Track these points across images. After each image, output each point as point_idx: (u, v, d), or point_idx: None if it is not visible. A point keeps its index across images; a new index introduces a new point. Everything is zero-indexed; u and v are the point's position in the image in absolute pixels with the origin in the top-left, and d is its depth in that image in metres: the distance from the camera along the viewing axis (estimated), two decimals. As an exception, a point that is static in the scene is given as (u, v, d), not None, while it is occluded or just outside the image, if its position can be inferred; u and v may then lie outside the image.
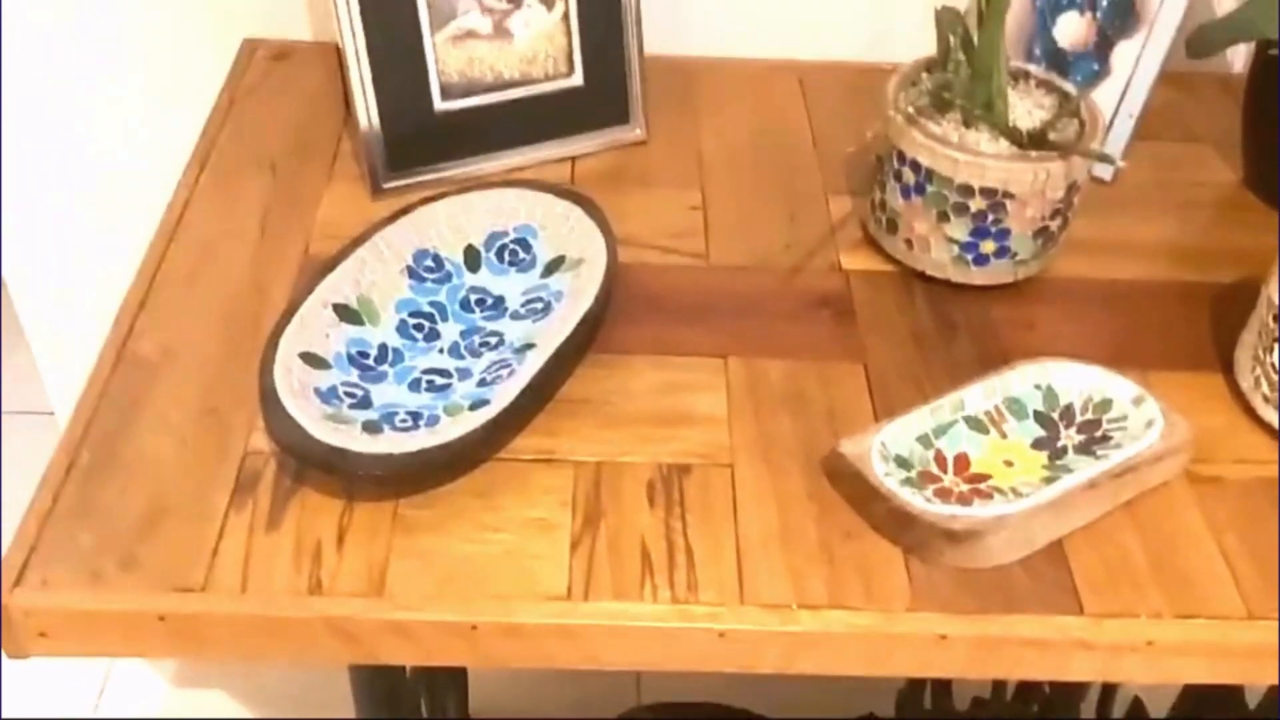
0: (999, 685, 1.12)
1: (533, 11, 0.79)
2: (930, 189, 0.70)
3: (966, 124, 0.72)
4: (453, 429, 0.58)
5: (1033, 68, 0.76)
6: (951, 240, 0.72)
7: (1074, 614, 0.57)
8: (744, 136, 0.87)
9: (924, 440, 0.63)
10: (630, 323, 0.71)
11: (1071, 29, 0.83)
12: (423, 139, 0.78)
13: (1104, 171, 0.84)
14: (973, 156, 0.68)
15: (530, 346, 0.64)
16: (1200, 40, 0.78)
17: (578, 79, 0.82)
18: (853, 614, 0.56)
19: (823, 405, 0.67)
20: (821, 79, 0.93)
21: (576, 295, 0.66)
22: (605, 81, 0.82)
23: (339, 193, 0.79)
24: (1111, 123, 0.83)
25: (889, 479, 0.59)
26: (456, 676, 1.12)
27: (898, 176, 0.72)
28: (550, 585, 0.57)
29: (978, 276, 0.73)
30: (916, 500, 0.58)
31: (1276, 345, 0.64)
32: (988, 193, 0.69)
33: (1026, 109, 0.74)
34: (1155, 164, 0.87)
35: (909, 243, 0.74)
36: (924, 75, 0.74)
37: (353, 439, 0.57)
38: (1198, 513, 0.62)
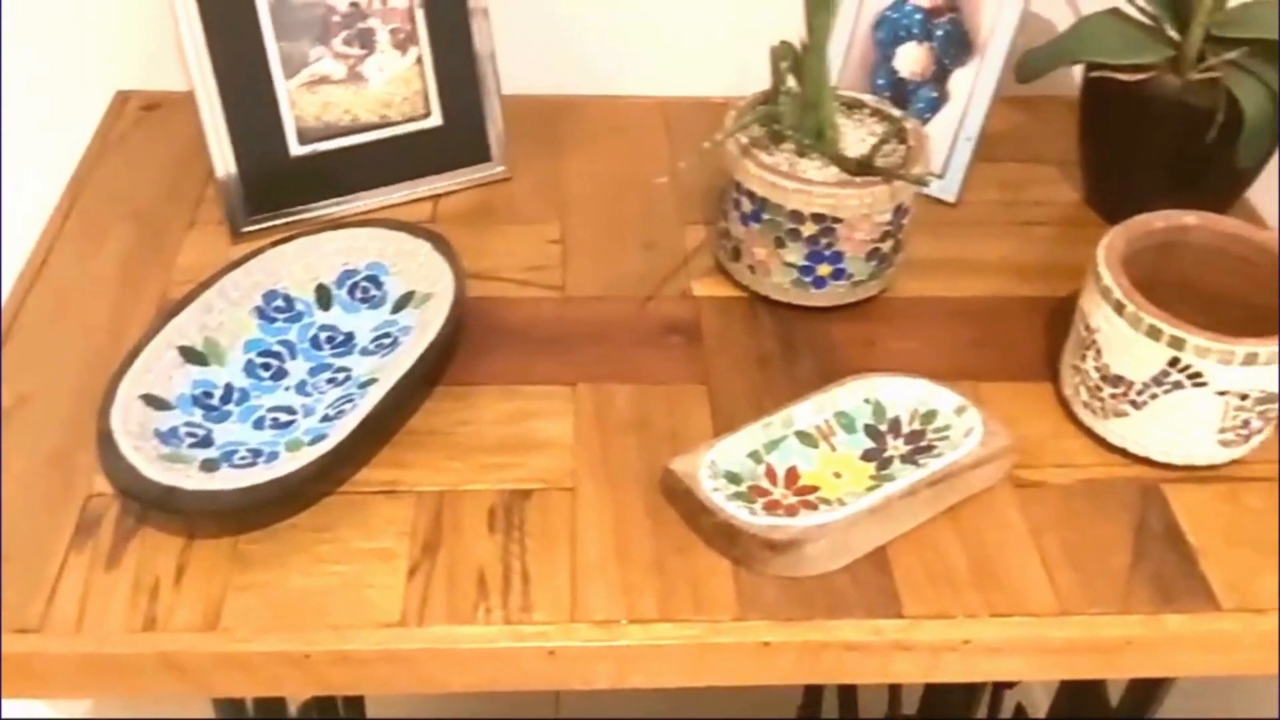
0: (895, 692, 1.15)
1: (385, 57, 0.81)
2: (765, 216, 0.73)
3: (800, 153, 0.75)
4: (287, 464, 0.59)
5: (866, 97, 0.79)
6: (789, 265, 0.74)
7: (894, 617, 0.59)
8: (607, 172, 0.90)
9: (755, 456, 0.65)
10: (483, 355, 0.73)
11: (910, 59, 0.87)
12: (281, 182, 0.80)
13: (948, 194, 0.88)
14: (801, 184, 0.71)
15: (374, 381, 0.66)
16: (1026, 66, 0.82)
17: (435, 120, 0.84)
18: (680, 626, 0.58)
19: (666, 427, 0.69)
20: (686, 115, 0.96)
21: (422, 329, 0.68)
22: (464, 121, 0.85)
23: (200, 238, 0.81)
24: (952, 147, 0.87)
25: (716, 494, 0.61)
26: (353, 705, 1.12)
27: (737, 205, 0.75)
28: (385, 613, 0.58)
29: (818, 298, 0.76)
30: (740, 514, 0.60)
31: (1088, 353, 0.67)
32: (817, 218, 0.72)
33: (860, 137, 0.77)
34: (1001, 186, 0.91)
35: (752, 268, 0.76)
36: (761, 108, 0.77)
37: (186, 478, 0.58)
38: (1019, 516, 0.65)
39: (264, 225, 0.80)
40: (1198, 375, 0.62)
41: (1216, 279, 0.70)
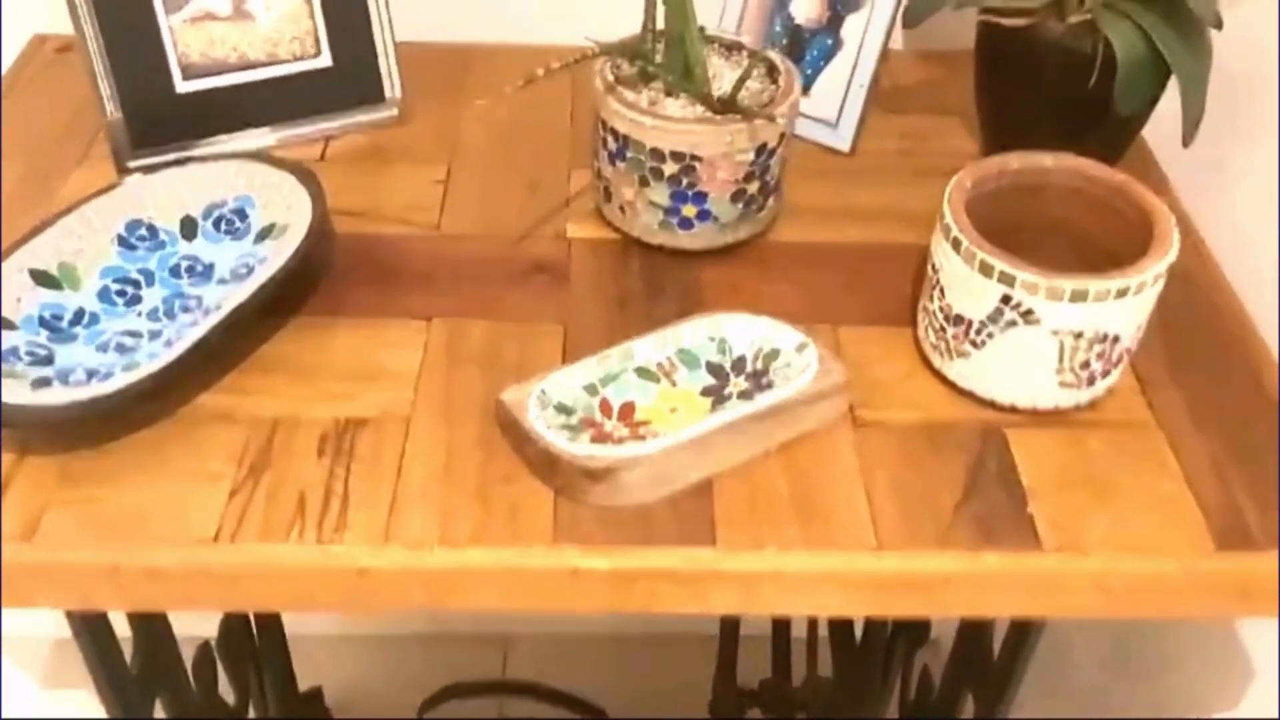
0: (812, 652, 1.15)
1: (272, -5, 0.82)
2: (629, 155, 0.73)
3: (668, 92, 0.75)
4: (113, 384, 0.60)
5: (745, 39, 0.78)
6: (655, 205, 0.74)
7: (708, 546, 0.59)
8: (505, 117, 0.90)
9: (590, 389, 0.65)
10: (347, 288, 0.74)
11: (805, 5, 0.86)
12: (166, 119, 0.81)
13: (841, 143, 0.87)
14: (660, 121, 0.71)
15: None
16: (913, 10, 0.81)
17: (325, 60, 0.84)
18: (490, 550, 0.59)
19: (514, 362, 0.69)
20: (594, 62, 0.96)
21: (273, 259, 0.68)
22: (355, 62, 0.85)
23: (88, 173, 0.82)
24: (845, 95, 0.86)
25: (539, 423, 0.61)
26: (269, 647, 1.14)
27: (605, 144, 0.75)
28: (200, 530, 0.59)
29: (686, 240, 0.76)
30: (559, 442, 0.60)
31: (934, 293, 0.66)
32: (677, 156, 0.72)
33: (733, 78, 0.76)
34: (901, 136, 0.90)
35: (622, 209, 0.76)
36: (628, 44, 0.76)
37: (14, 393, 0.59)
38: (854, 455, 0.64)
39: (149, 161, 0.80)
40: (1030, 313, 0.61)
41: (1083, 222, 0.69)
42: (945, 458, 0.64)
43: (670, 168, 0.72)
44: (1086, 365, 0.64)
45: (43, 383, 0.61)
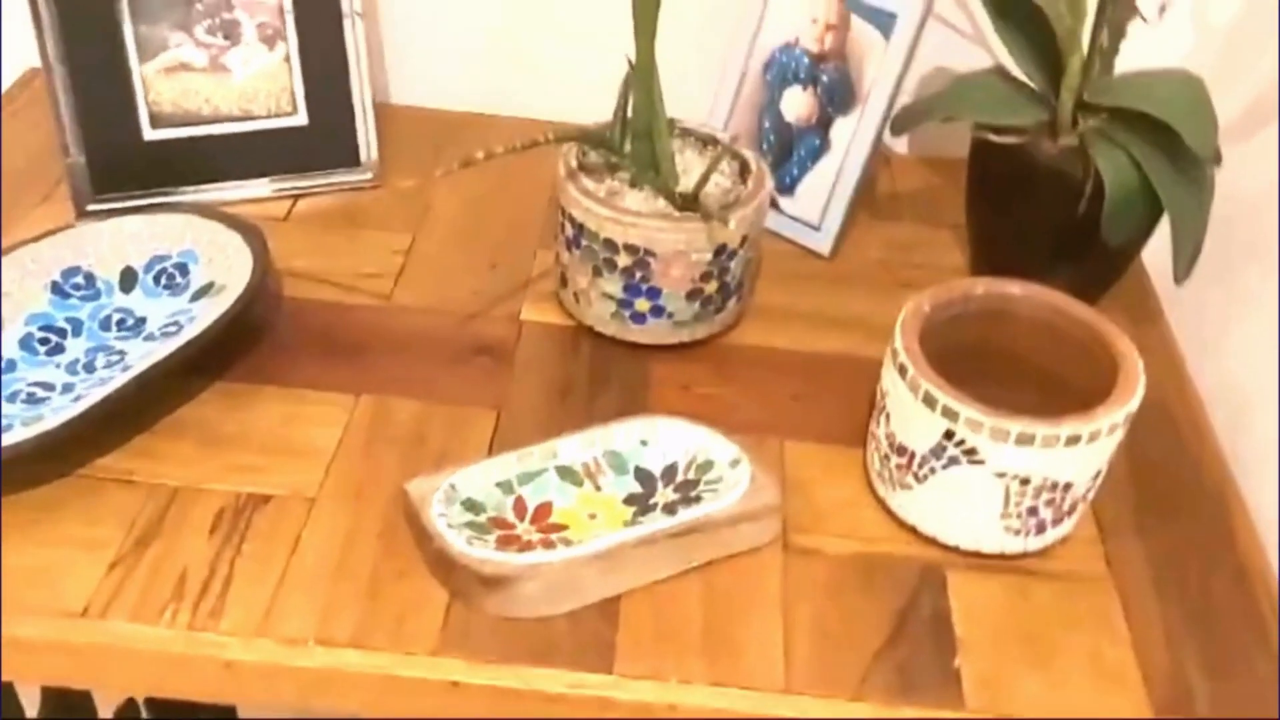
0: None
1: (251, 50, 0.80)
2: (584, 243, 0.70)
3: (632, 183, 0.72)
4: (6, 438, 0.58)
5: (720, 134, 0.76)
6: (608, 296, 0.71)
7: (602, 672, 0.55)
8: (482, 189, 0.88)
9: (505, 486, 0.61)
10: (280, 354, 0.71)
11: (796, 104, 0.83)
12: (131, 166, 0.80)
13: (822, 246, 0.84)
14: (615, 213, 0.68)
15: (138, 366, 0.64)
16: (900, 119, 0.78)
17: (301, 119, 0.83)
18: (368, 654, 0.55)
19: (438, 447, 0.66)
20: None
21: (202, 319, 0.66)
22: (331, 124, 0.84)
23: (47, 214, 0.80)
24: (829, 198, 0.83)
25: (441, 520, 0.58)
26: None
27: (563, 230, 0.72)
28: (71, 602, 0.56)
29: (638, 334, 0.72)
30: (458, 543, 0.57)
31: (881, 418, 0.62)
32: (631, 249, 0.69)
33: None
34: (886, 245, 0.87)
35: (576, 296, 0.73)
36: (594, 133, 0.74)
37: (-101, 438, 0.57)
38: (778, 583, 0.60)
39: (110, 207, 0.79)
40: (973, 451, 0.57)
41: (1051, 357, 0.65)
42: (876, 596, 0.60)
43: (624, 260, 0.69)
44: (1034, 512, 0.59)
45: (-62, 430, 0.59)
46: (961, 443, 0.57)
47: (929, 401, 0.57)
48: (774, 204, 0.85)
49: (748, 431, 0.68)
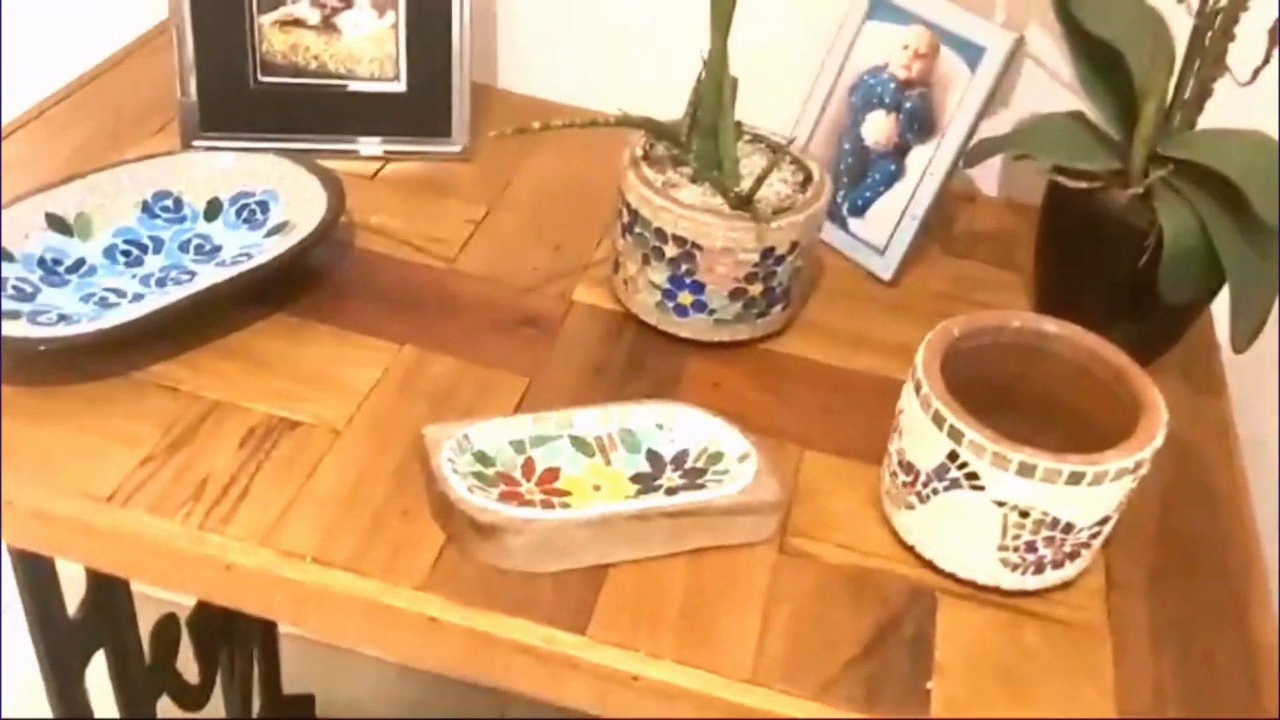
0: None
1: (363, 14, 0.85)
2: (637, 230, 0.72)
3: (694, 179, 0.73)
4: (67, 330, 0.62)
5: (787, 142, 0.77)
6: (654, 284, 0.73)
7: (575, 632, 0.57)
8: (559, 174, 0.91)
9: (518, 445, 0.63)
10: (339, 297, 0.75)
11: (877, 128, 0.84)
12: (238, 108, 0.85)
13: (884, 271, 0.84)
14: (668, 202, 0.70)
15: (202, 287, 0.68)
16: (974, 151, 0.78)
17: (400, 85, 0.87)
18: (357, 578, 0.57)
19: (466, 403, 0.68)
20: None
21: (268, 254, 0.70)
22: (429, 94, 0.87)
23: (159, 142, 0.86)
24: (897, 225, 0.83)
25: (446, 465, 0.60)
26: (250, 637, 1.15)
27: (620, 216, 0.74)
28: (99, 488, 0.60)
29: (679, 327, 0.74)
30: (458, 488, 0.59)
31: (894, 435, 0.62)
32: (679, 240, 0.70)
33: (769, 182, 0.75)
34: (953, 279, 0.86)
35: (626, 283, 0.75)
36: (668, 125, 0.75)
37: (-26, 318, 0.62)
38: (766, 580, 0.61)
39: (212, 144, 0.84)
40: (974, 476, 0.57)
41: (1083, 400, 0.64)
42: (860, 608, 0.60)
43: (671, 250, 0.71)
44: (1033, 548, 0.58)
45: (12, 315, 0.64)
46: (964, 465, 0.57)
47: (937, 420, 0.57)
48: (843, 224, 0.86)
49: (769, 434, 0.69)
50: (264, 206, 0.76)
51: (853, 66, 0.85)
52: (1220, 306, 0.74)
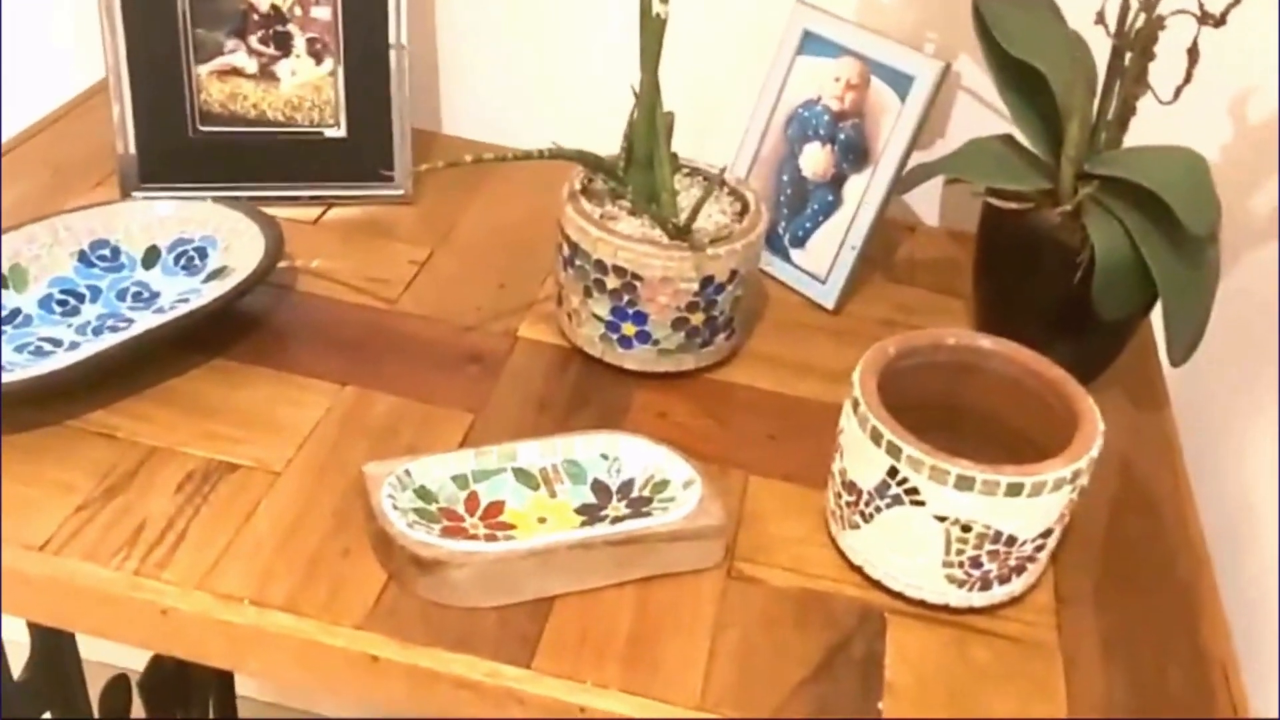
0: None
1: (301, 62, 0.85)
2: (577, 263, 0.72)
3: (633, 213, 0.74)
4: (-2, 378, 0.62)
5: (729, 176, 0.78)
6: (597, 317, 0.73)
7: (520, 666, 0.56)
8: (503, 216, 0.91)
9: (460, 480, 0.63)
10: (279, 340, 0.74)
11: (813, 159, 0.85)
12: (178, 158, 0.85)
13: (826, 300, 0.85)
14: (606, 234, 0.70)
15: (139, 333, 0.68)
16: (908, 178, 0.79)
17: (341, 131, 0.87)
18: (297, 619, 0.56)
19: (408, 441, 0.68)
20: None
21: (204, 299, 0.70)
22: (369, 139, 0.88)
23: (97, 197, 0.86)
24: (836, 254, 0.84)
25: (388, 500, 0.59)
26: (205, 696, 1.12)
27: (560, 249, 0.74)
28: (32, 536, 0.59)
29: (624, 359, 0.74)
30: (398, 524, 0.58)
31: (837, 456, 0.62)
32: (619, 271, 0.70)
33: (708, 213, 0.75)
34: (895, 306, 0.87)
35: (570, 316, 0.75)
36: (604, 159, 0.76)
37: (-95, 368, 0.61)
38: (714, 606, 0.60)
39: (153, 196, 0.84)
40: (915, 491, 0.57)
41: (1020, 416, 0.65)
42: (809, 631, 0.60)
43: (613, 282, 0.71)
44: (978, 563, 0.58)
45: (-59, 366, 0.63)
46: (904, 481, 0.57)
47: (875, 437, 0.57)
48: (786, 255, 0.86)
49: (715, 462, 0.69)
50: (202, 253, 0.76)
51: (787, 100, 0.86)
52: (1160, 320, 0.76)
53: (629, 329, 0.73)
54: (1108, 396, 0.77)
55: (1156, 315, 0.76)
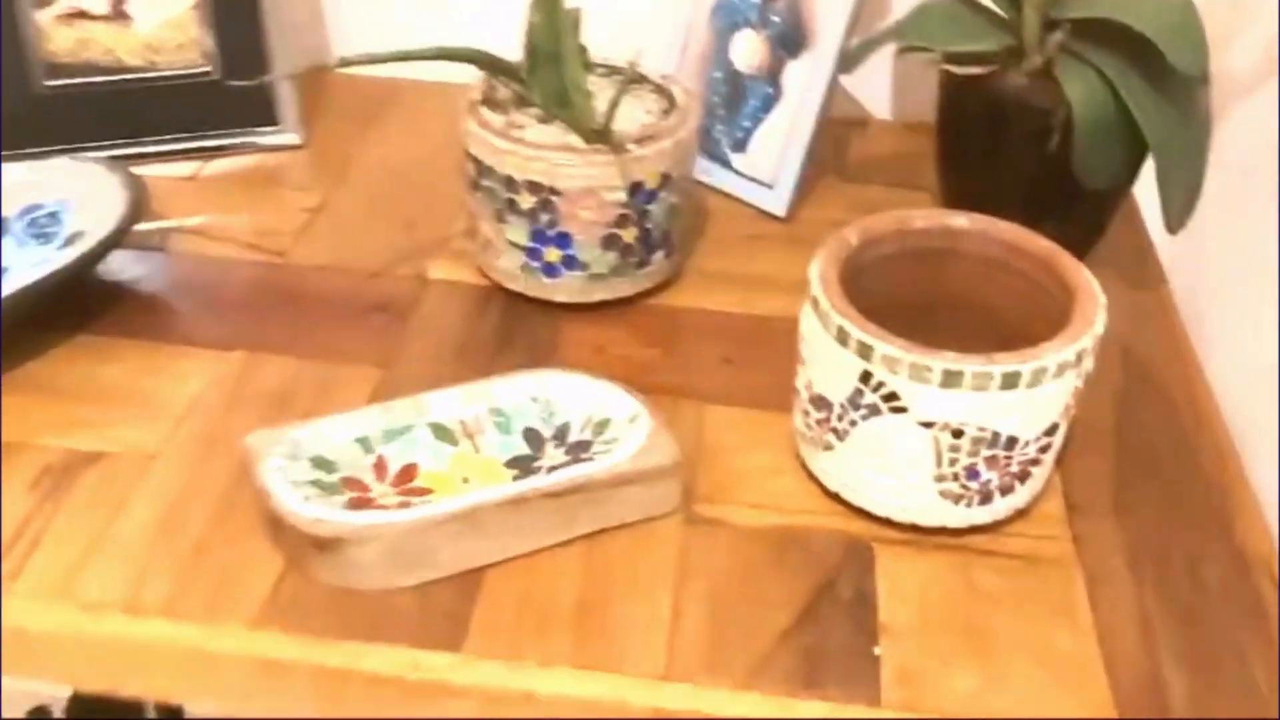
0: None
1: (155, -4, 0.75)
2: (484, 183, 0.63)
3: (544, 120, 0.64)
4: None
5: (650, 72, 0.68)
6: (515, 245, 0.63)
7: (449, 651, 0.47)
8: (415, 149, 0.81)
9: (364, 443, 0.54)
10: (151, 309, 0.64)
11: (746, 49, 0.75)
12: (29, 119, 0.74)
13: (776, 207, 0.75)
14: (513, 145, 0.61)
15: (-21, 313, 0.58)
16: (853, 55, 0.70)
17: (213, 74, 0.77)
18: (176, 623, 0.47)
19: (306, 407, 0.58)
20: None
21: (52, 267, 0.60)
22: (248, 79, 0.78)
23: (-59, 171, 0.76)
24: (783, 153, 0.74)
25: (276, 474, 0.50)
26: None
27: (467, 172, 0.65)
28: None
29: (551, 290, 0.65)
30: (288, 500, 0.49)
31: (800, 368, 0.54)
32: (533, 187, 0.61)
33: (630, 114, 0.66)
34: (852, 207, 0.77)
35: (484, 249, 0.66)
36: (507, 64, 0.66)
37: None
38: (675, 557, 0.51)
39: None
40: (893, 397, 0.48)
41: (1007, 302, 0.56)
42: (788, 573, 0.51)
43: (527, 200, 0.62)
44: (975, 473, 0.50)
45: None
46: (880, 386, 0.48)
47: (841, 338, 0.49)
48: (726, 163, 0.77)
49: (664, 395, 0.60)
50: (55, 218, 0.66)
51: (712, -13, 0.77)
52: (1148, 192, 0.67)
53: (552, 254, 0.63)
54: (1098, 277, 0.69)
55: (1141, 183, 0.68)
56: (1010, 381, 0.47)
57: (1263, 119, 0.69)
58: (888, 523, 0.53)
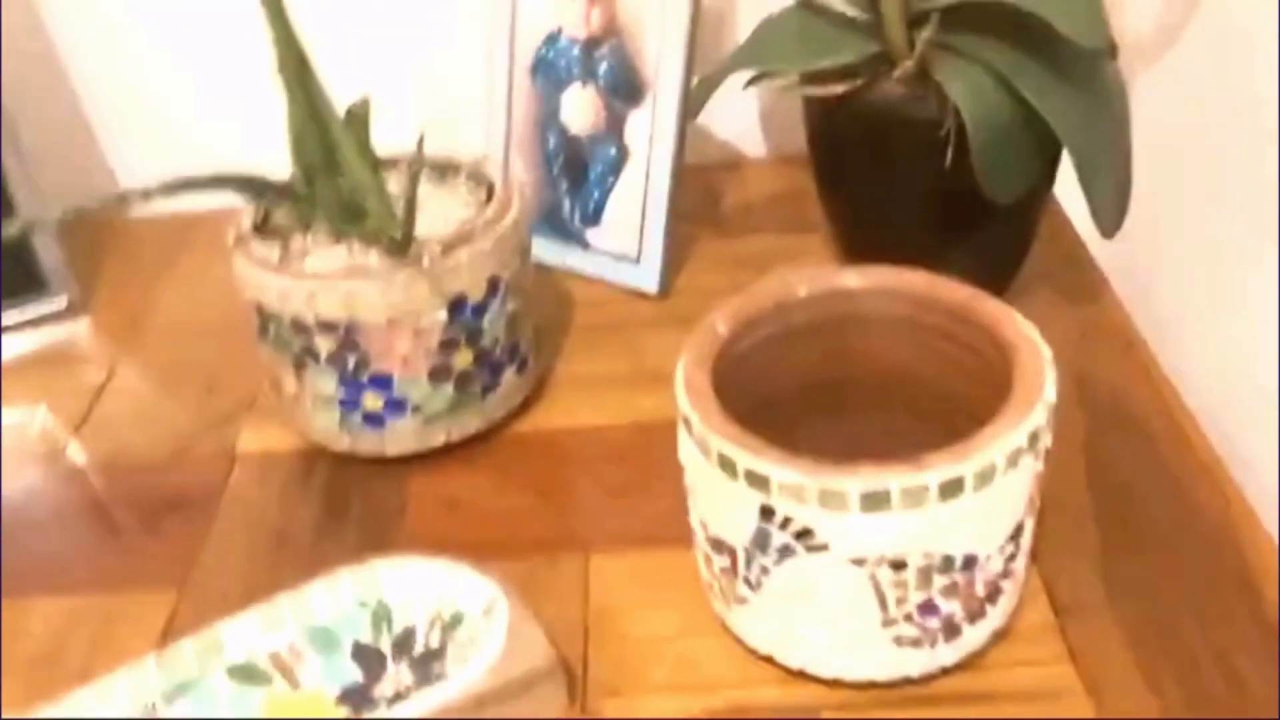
0: None
1: None
2: (271, 330, 0.51)
3: (336, 238, 0.52)
4: None
5: (464, 159, 0.57)
6: (324, 398, 0.51)
7: None
8: (210, 296, 0.67)
9: (148, 709, 0.41)
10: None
11: (577, 107, 0.64)
12: None
13: (646, 283, 0.64)
14: (290, 279, 0.49)
15: None
16: (697, 94, 0.59)
17: (-47, 246, 0.64)
18: None
19: (80, 662, 0.45)
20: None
21: None
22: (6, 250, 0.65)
23: None
24: (642, 221, 0.63)
25: (12, 794, 0.37)
26: None
27: (251, 319, 0.53)
28: None
29: (380, 443, 0.52)
30: (27, 830, 0.36)
31: (691, 505, 0.42)
32: (327, 327, 0.49)
33: (442, 212, 0.54)
34: (739, 265, 0.66)
35: (294, 407, 0.54)
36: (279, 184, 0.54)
37: None
38: (569, 787, 0.39)
39: None
40: (807, 534, 0.37)
41: (928, 369, 0.44)
42: (717, 781, 0.39)
43: (325, 344, 0.50)
44: (931, 609, 0.38)
45: None
46: (788, 523, 0.37)
47: (728, 468, 0.37)
48: (582, 241, 0.66)
49: (537, 551, 0.48)
50: None
51: (522, 44, 0.65)
52: (1071, 191, 0.57)
53: (372, 401, 0.51)
54: (1033, 303, 0.58)
55: (1062, 184, 0.57)
56: (951, 490, 0.35)
57: (1182, 82, 0.59)
58: (838, 684, 0.41)
